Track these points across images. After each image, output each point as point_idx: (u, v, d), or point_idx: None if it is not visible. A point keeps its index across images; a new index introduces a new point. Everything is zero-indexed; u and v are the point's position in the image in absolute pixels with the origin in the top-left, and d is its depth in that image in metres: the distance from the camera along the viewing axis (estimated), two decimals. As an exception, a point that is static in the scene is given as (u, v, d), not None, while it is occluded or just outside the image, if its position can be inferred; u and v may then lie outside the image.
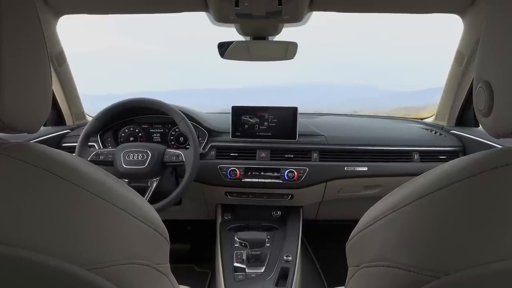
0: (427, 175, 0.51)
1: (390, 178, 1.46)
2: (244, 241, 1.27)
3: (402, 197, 0.50)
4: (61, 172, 0.43)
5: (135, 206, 0.52)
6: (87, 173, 0.47)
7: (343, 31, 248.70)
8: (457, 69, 1.41)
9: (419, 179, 0.52)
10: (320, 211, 1.62)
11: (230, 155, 1.48)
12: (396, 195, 0.52)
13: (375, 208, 0.56)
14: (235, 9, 1.11)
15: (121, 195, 0.51)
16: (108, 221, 0.46)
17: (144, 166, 1.28)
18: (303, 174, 1.43)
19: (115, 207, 0.48)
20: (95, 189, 0.46)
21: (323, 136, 1.50)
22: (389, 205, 0.51)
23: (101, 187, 0.47)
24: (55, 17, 1.28)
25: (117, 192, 0.51)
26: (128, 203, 0.51)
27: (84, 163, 0.50)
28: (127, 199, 0.52)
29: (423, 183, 0.48)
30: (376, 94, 19.82)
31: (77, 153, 1.30)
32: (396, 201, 0.50)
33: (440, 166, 0.51)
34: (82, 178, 0.46)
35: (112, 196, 0.48)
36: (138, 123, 1.58)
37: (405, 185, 0.54)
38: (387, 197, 0.55)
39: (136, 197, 0.55)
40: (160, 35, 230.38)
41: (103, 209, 0.46)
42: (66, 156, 0.47)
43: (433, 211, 0.44)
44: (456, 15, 1.25)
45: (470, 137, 1.47)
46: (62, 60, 1.44)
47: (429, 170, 0.53)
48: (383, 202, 0.55)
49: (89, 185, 0.46)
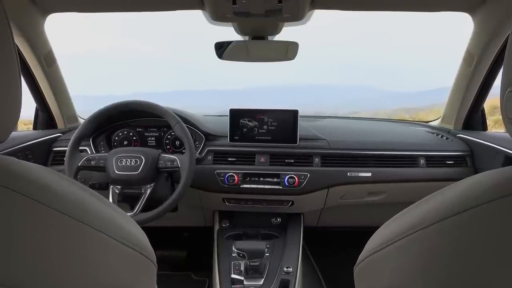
0: (448, 192, 0.45)
1: (395, 184, 1.41)
2: (242, 251, 1.21)
3: (419, 217, 0.44)
4: (30, 192, 0.38)
5: (115, 226, 0.47)
6: (60, 192, 0.42)
7: (343, 32, 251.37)
8: (466, 70, 1.35)
9: (438, 197, 0.45)
10: (322, 218, 1.56)
11: (228, 160, 1.42)
12: (412, 215, 0.46)
13: (387, 229, 0.50)
14: (232, 7, 1.06)
15: (100, 215, 0.45)
16: (84, 246, 0.41)
17: (137, 172, 1.22)
18: (304, 179, 1.37)
19: (92, 229, 0.43)
20: (69, 209, 0.40)
21: (325, 140, 1.44)
22: (405, 226, 0.45)
23: (76, 207, 0.42)
24: (43, 16, 1.22)
25: (95, 211, 0.45)
26: (107, 223, 0.45)
27: (58, 178, 0.44)
28: (107, 219, 0.46)
29: (444, 202, 0.42)
30: (376, 94, 19.87)
31: (67, 158, 1.24)
32: (412, 222, 0.44)
33: (462, 181, 0.45)
34: (54, 197, 0.40)
35: (89, 217, 0.43)
36: (133, 126, 1.52)
37: (420, 203, 0.48)
38: (400, 217, 0.49)
39: (118, 215, 0.50)
40: (160, 36, 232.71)
41: (78, 233, 0.41)
42: (36, 172, 0.41)
43: (456, 236, 0.38)
44: (465, 14, 1.18)
45: (478, 141, 1.42)
46: (52, 61, 1.38)
47: (449, 186, 0.47)
48: (395, 222, 0.49)
49: (62, 205, 0.40)
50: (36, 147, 1.41)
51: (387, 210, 1.56)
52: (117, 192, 1.25)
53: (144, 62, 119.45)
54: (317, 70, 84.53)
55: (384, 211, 1.57)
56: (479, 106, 1.47)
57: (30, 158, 1.39)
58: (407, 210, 0.48)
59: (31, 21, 1.19)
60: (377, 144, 1.44)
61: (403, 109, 9.21)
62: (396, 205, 1.51)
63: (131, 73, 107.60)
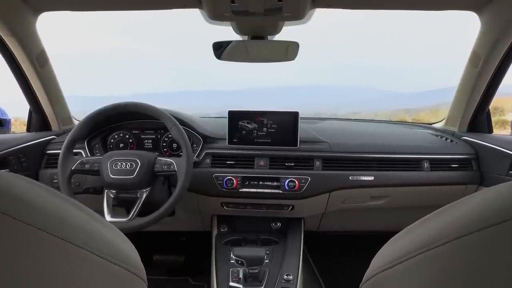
0: (466, 205, 0.40)
1: (398, 188, 1.38)
2: (241, 258, 1.17)
3: (434, 233, 0.40)
4: (7, 208, 0.34)
5: (101, 241, 0.43)
6: (42, 206, 0.38)
7: (343, 32, 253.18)
8: (471, 71, 1.31)
9: (455, 209, 0.41)
10: (323, 222, 1.52)
11: (227, 163, 1.39)
12: (425, 229, 0.42)
13: (397, 244, 0.46)
14: (231, 6, 1.02)
15: (84, 230, 0.41)
16: (66, 265, 0.37)
17: (132, 176, 1.18)
18: (304, 183, 1.33)
19: (74, 246, 0.39)
20: (49, 225, 0.37)
21: (326, 142, 1.41)
22: (417, 243, 0.41)
23: (57, 222, 0.38)
24: (34, 15, 1.18)
25: (79, 226, 0.41)
26: (92, 238, 0.42)
27: (39, 190, 0.40)
28: (92, 234, 0.42)
29: (463, 216, 0.38)
30: (376, 95, 19.96)
31: (60, 161, 1.21)
32: (426, 238, 0.40)
33: (481, 192, 0.41)
34: (35, 213, 0.36)
35: (72, 232, 0.39)
36: (129, 128, 1.48)
37: (434, 216, 0.44)
38: (412, 231, 0.45)
39: (105, 230, 0.46)
40: (160, 36, 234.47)
41: (59, 250, 0.37)
42: (18, 187, 0.38)
43: (477, 256, 0.34)
44: (472, 13, 1.14)
45: (484, 144, 1.38)
46: (44, 61, 1.34)
47: (466, 197, 0.43)
48: (406, 237, 0.45)
49: (42, 221, 0.36)
50: (29, 150, 1.38)
51: (390, 214, 1.53)
52: (112, 197, 1.21)
53: (144, 62, 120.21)
54: (317, 71, 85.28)
55: (387, 215, 1.54)
56: (484, 108, 1.43)
57: (23, 161, 1.35)
58: (418, 224, 0.44)
59: (22, 20, 1.15)
60: (379, 147, 1.41)
61: (403, 109, 9.18)
62: (399, 210, 1.48)
63: (132, 73, 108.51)
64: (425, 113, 5.43)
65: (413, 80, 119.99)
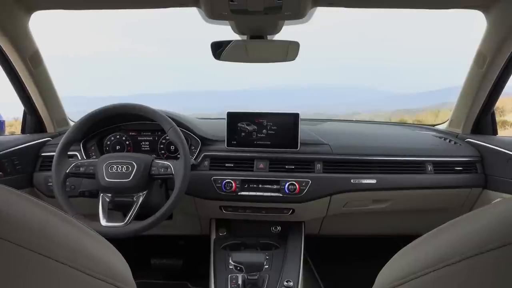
0: (483, 218, 0.37)
1: (401, 192, 1.35)
2: (240, 264, 1.14)
3: (447, 249, 0.36)
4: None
5: (85, 255, 0.40)
6: (19, 218, 0.35)
7: (343, 33, 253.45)
8: (477, 71, 1.28)
9: (470, 222, 0.38)
10: (324, 226, 1.49)
11: (225, 165, 1.36)
12: (437, 243, 0.39)
13: (405, 259, 0.42)
14: (229, 4, 0.99)
15: (66, 243, 0.38)
16: (45, 283, 0.34)
17: (128, 179, 1.15)
18: (305, 187, 1.30)
19: (55, 261, 0.35)
20: (26, 240, 0.33)
21: (327, 145, 1.37)
22: (428, 259, 0.38)
23: (35, 235, 0.35)
24: (27, 14, 1.15)
25: (60, 239, 0.38)
26: (75, 253, 0.38)
27: (17, 199, 0.37)
28: (75, 247, 0.39)
29: (480, 231, 0.35)
30: (376, 96, 19.94)
31: (55, 164, 1.18)
32: (438, 253, 0.37)
33: (499, 203, 0.38)
34: (12, 227, 0.33)
35: (52, 247, 0.36)
36: (125, 130, 1.46)
37: (446, 228, 0.40)
38: (422, 245, 0.41)
39: (91, 241, 0.42)
40: (160, 36, 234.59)
41: (38, 267, 0.34)
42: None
43: (497, 277, 0.31)
44: (475, 13, 1.11)
45: (488, 146, 1.35)
46: (38, 61, 1.31)
47: (481, 209, 0.40)
48: (416, 251, 0.41)
49: (19, 235, 0.33)
50: (23, 152, 1.34)
51: (392, 218, 1.50)
52: (107, 200, 1.18)
53: (144, 63, 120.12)
54: (317, 71, 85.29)
55: (389, 219, 1.51)
56: (489, 109, 1.40)
57: (17, 164, 1.32)
58: (429, 236, 0.41)
59: (14, 20, 1.12)
60: (382, 149, 1.38)
61: (403, 110, 9.14)
62: (402, 213, 1.45)
63: (132, 74, 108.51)
64: (425, 114, 5.40)
65: (413, 81, 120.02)
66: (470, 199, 1.38)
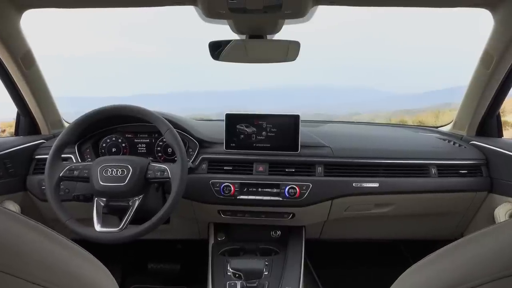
0: (504, 234, 0.34)
1: (404, 195, 1.32)
2: (238, 271, 1.10)
3: (464, 270, 0.33)
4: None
5: (65, 274, 0.37)
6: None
7: (343, 33, 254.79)
8: (483, 72, 1.25)
9: (489, 240, 0.35)
10: (325, 230, 1.46)
11: (224, 168, 1.32)
12: (453, 263, 0.35)
13: (415, 278, 0.39)
14: (227, 3, 0.96)
15: (43, 262, 0.35)
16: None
17: (123, 183, 1.12)
18: (306, 190, 1.27)
19: (30, 283, 0.32)
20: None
21: (328, 147, 1.34)
22: (445, 279, 0.34)
23: (8, 254, 0.31)
24: (18, 12, 1.11)
25: (37, 257, 0.34)
26: (52, 272, 0.35)
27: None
28: (53, 265, 0.36)
29: (503, 251, 0.32)
30: (376, 96, 19.87)
31: (48, 167, 1.14)
32: (453, 275, 0.33)
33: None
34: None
35: (29, 267, 0.33)
36: (121, 132, 1.42)
37: (461, 246, 0.37)
38: (435, 263, 0.38)
39: (71, 257, 0.39)
40: (160, 36, 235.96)
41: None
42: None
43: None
44: (486, 10, 1.08)
45: (493, 148, 1.32)
46: (30, 61, 1.28)
47: (502, 224, 0.36)
48: (431, 268, 0.38)
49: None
50: (16, 155, 1.31)
51: (395, 222, 1.47)
52: (102, 205, 1.14)
53: (144, 63, 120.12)
54: (317, 72, 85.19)
55: (392, 223, 1.47)
56: (495, 111, 1.37)
57: (9, 166, 1.28)
58: (444, 253, 0.38)
59: (5, 19, 1.08)
60: (384, 151, 1.35)
61: (404, 110, 9.14)
62: (405, 217, 1.42)
63: (131, 74, 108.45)
64: (425, 114, 5.37)
65: (413, 81, 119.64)
66: (475, 203, 1.35)
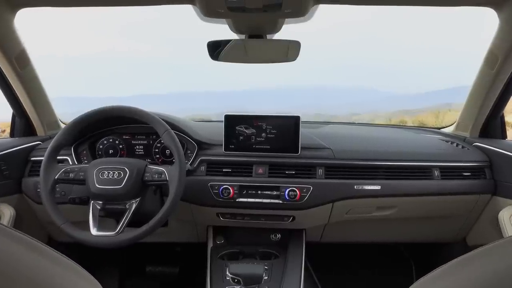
0: (503, 249, 0.32)
1: (407, 198, 1.30)
2: (237, 276, 1.08)
3: (481, 283, 0.31)
4: None
5: (45, 285, 0.35)
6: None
7: (343, 33, 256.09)
8: (487, 72, 1.22)
9: (507, 254, 0.32)
10: (325, 233, 1.43)
11: (223, 170, 1.30)
12: (466, 275, 0.33)
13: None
14: (226, 1, 0.93)
15: (32, 278, 0.33)
16: None
17: (120, 186, 1.09)
18: (306, 193, 1.24)
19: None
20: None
21: (329, 149, 1.32)
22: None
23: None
24: (12, 11, 1.09)
25: (27, 273, 0.33)
26: (30, 284, 0.33)
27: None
28: (43, 282, 0.34)
29: (500, 270, 0.29)
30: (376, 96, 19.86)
31: (43, 170, 1.12)
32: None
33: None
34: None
35: (18, 283, 0.31)
36: (118, 133, 1.40)
37: (474, 259, 0.35)
38: (449, 274, 0.36)
39: (61, 272, 0.37)
40: (160, 36, 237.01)
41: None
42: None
43: None
44: (491, 9, 1.05)
45: (497, 150, 1.30)
46: (25, 61, 1.25)
47: (508, 239, 0.34)
48: (443, 280, 0.36)
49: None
50: (11, 157, 1.29)
51: (397, 225, 1.44)
52: (98, 208, 1.12)
53: (144, 63, 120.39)
54: (318, 72, 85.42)
55: (394, 226, 1.45)
56: (498, 112, 1.35)
57: (4, 169, 1.26)
58: (448, 270, 0.35)
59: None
60: (386, 153, 1.32)
61: (403, 110, 9.09)
62: (407, 220, 1.39)
63: (131, 74, 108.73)
64: (425, 114, 5.35)
65: (413, 81, 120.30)
66: (478, 206, 1.32)
